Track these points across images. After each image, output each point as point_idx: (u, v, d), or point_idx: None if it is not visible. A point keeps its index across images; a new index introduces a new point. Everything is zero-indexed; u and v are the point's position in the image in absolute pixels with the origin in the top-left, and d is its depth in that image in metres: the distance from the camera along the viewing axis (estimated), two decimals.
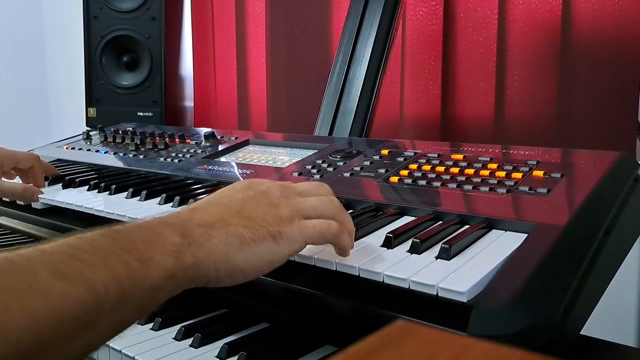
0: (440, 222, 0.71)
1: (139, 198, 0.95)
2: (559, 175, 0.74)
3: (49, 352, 0.41)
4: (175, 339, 0.68)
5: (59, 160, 1.36)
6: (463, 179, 0.79)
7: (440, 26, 1.40)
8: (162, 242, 0.50)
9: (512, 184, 0.75)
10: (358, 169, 0.91)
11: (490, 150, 0.87)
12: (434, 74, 1.42)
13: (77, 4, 1.84)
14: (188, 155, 1.18)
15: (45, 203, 1.04)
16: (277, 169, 1.01)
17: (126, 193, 0.98)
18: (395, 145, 0.98)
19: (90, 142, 1.47)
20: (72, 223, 0.96)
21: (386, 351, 0.28)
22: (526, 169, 0.78)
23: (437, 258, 0.59)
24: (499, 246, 0.62)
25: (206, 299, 0.76)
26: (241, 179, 0.92)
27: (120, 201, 0.96)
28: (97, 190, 1.03)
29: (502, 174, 0.77)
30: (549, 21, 1.26)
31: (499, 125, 1.33)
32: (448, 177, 0.80)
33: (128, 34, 1.81)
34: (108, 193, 1.01)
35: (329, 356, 0.62)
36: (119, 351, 0.65)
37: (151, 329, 0.71)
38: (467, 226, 0.68)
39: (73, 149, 1.44)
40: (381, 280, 0.57)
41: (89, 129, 1.60)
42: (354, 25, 1.25)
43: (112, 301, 0.44)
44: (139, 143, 1.32)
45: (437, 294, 0.53)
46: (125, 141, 1.37)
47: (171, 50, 1.92)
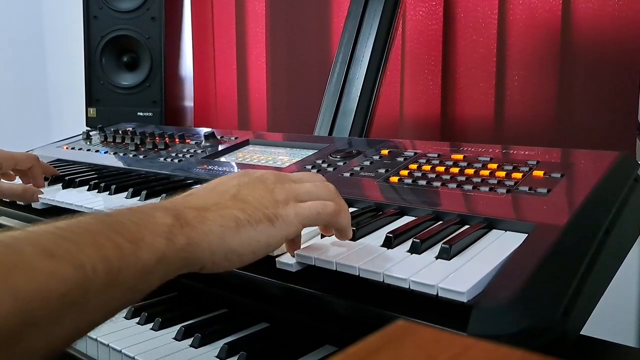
0: (440, 222, 0.71)
1: (139, 198, 0.95)
2: (559, 175, 0.74)
3: (35, 331, 0.40)
4: (175, 339, 0.68)
5: (58, 160, 1.36)
6: (463, 179, 0.79)
7: (440, 26, 1.40)
8: (153, 224, 0.50)
9: (512, 184, 0.75)
10: (358, 169, 0.91)
11: (490, 150, 0.87)
12: (434, 74, 1.42)
13: (77, 4, 1.84)
14: (188, 155, 1.18)
15: (45, 203, 1.04)
16: (277, 169, 1.01)
17: (126, 193, 0.98)
18: (395, 145, 0.98)
19: (90, 142, 1.47)
20: None
21: (386, 351, 0.28)
22: (526, 169, 0.78)
23: (437, 258, 0.59)
24: (499, 246, 0.62)
25: (206, 299, 0.76)
26: None
27: (120, 201, 0.96)
28: (97, 190, 1.03)
29: (502, 174, 0.77)
30: (549, 21, 1.26)
31: (499, 125, 1.33)
32: (448, 177, 0.80)
33: (128, 34, 1.81)
34: (108, 193, 1.01)
35: (329, 356, 0.62)
36: (119, 351, 0.66)
37: (151, 329, 0.71)
38: (467, 226, 0.68)
39: (73, 149, 1.44)
40: (381, 280, 0.57)
41: (89, 129, 1.60)
42: (354, 25, 1.25)
43: (101, 281, 0.44)
44: (139, 143, 1.32)
45: (437, 294, 0.53)
46: (125, 141, 1.37)
47: (171, 50, 1.92)
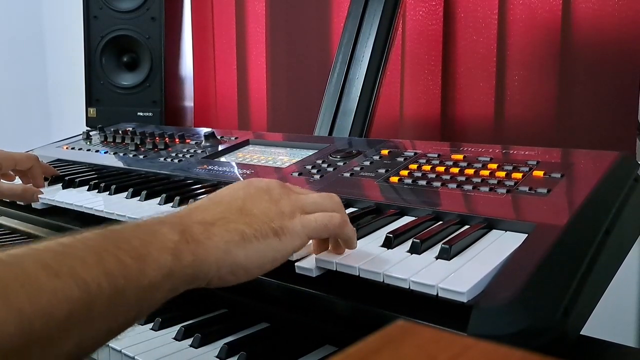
0: (440, 222, 0.71)
1: (139, 198, 0.95)
2: (559, 175, 0.74)
3: (39, 350, 0.40)
4: (175, 339, 0.68)
5: (59, 160, 1.36)
6: (463, 179, 0.79)
7: (440, 26, 1.40)
8: (160, 240, 0.49)
9: (512, 184, 0.75)
10: (358, 169, 0.91)
11: (490, 150, 0.87)
12: (434, 74, 1.42)
13: (77, 4, 1.84)
14: (188, 155, 1.18)
15: (45, 203, 1.04)
16: (277, 169, 1.01)
17: (126, 193, 0.98)
18: (395, 145, 0.98)
19: (90, 142, 1.47)
20: (72, 223, 0.96)
21: (386, 351, 0.28)
22: (526, 169, 0.78)
23: (437, 258, 0.59)
24: (499, 246, 0.62)
25: (206, 299, 0.76)
26: (241, 179, 0.92)
27: (120, 201, 0.96)
28: (97, 191, 1.03)
29: (502, 174, 0.77)
30: (549, 21, 1.25)
31: (499, 125, 1.33)
32: (448, 177, 0.80)
33: (128, 34, 1.81)
34: (108, 193, 1.01)
35: (329, 356, 0.62)
36: (119, 351, 0.65)
37: (151, 329, 0.71)
38: (467, 226, 0.68)
39: (73, 149, 1.44)
40: (381, 280, 0.57)
41: (89, 129, 1.60)
42: (354, 25, 1.25)
43: (105, 298, 0.43)
44: (139, 143, 1.32)
45: (437, 294, 0.53)
46: (125, 141, 1.37)
47: (171, 50, 1.92)
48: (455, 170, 0.82)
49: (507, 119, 1.32)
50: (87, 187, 1.06)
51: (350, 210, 0.78)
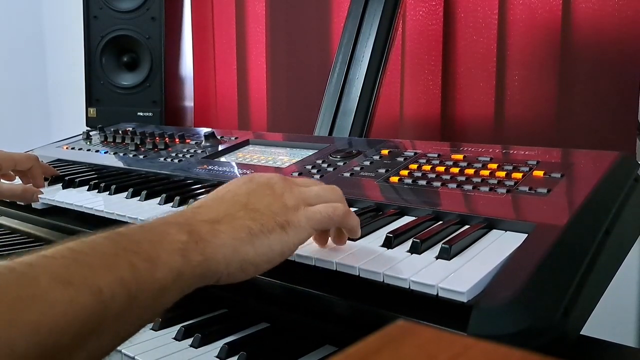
0: (440, 222, 0.71)
1: (139, 198, 0.95)
2: (559, 175, 0.74)
3: None
4: (175, 339, 0.68)
5: (59, 160, 1.36)
6: (463, 179, 0.79)
7: (440, 26, 1.40)
8: (169, 241, 0.49)
9: (512, 184, 0.75)
10: (358, 169, 0.91)
11: (490, 150, 0.87)
12: (434, 74, 1.42)
13: (77, 4, 1.84)
14: (188, 155, 1.18)
15: (45, 203, 1.04)
16: (277, 169, 1.01)
17: (126, 193, 0.98)
18: (395, 145, 0.98)
19: (90, 142, 1.47)
20: (72, 223, 0.96)
21: (386, 351, 0.28)
22: (526, 169, 0.78)
23: (437, 258, 0.59)
24: (499, 246, 0.62)
25: (206, 299, 0.76)
26: None
27: (120, 201, 0.96)
28: (97, 190, 1.03)
29: (502, 174, 0.77)
30: (549, 21, 1.25)
31: (499, 125, 1.33)
32: (448, 177, 0.80)
33: (128, 34, 1.81)
34: (108, 193, 1.01)
35: (329, 356, 0.61)
36: (119, 351, 0.65)
37: (151, 329, 0.71)
38: (467, 226, 0.68)
39: (73, 149, 1.44)
40: (381, 280, 0.57)
41: (89, 129, 1.60)
42: (354, 25, 1.25)
43: (119, 305, 0.43)
44: (139, 143, 1.32)
45: (437, 294, 0.53)
46: (125, 141, 1.37)
47: (171, 50, 1.92)
48: (455, 170, 0.82)
49: (507, 119, 1.32)
50: (87, 187, 1.06)
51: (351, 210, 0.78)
